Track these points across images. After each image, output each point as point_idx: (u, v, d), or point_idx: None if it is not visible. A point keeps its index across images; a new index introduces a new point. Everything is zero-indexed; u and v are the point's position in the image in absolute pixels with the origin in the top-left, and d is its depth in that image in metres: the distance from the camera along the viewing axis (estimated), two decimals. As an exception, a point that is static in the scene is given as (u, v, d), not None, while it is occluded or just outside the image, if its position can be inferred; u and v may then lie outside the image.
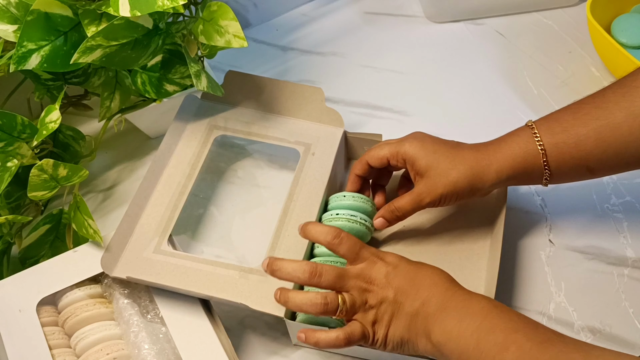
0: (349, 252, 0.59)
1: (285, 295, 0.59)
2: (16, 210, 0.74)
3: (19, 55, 0.64)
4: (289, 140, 0.75)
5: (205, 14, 0.68)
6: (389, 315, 0.58)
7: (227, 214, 0.78)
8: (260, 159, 0.83)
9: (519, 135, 0.64)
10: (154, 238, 0.68)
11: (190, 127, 0.76)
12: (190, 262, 0.66)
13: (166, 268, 0.65)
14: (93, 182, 0.84)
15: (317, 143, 0.74)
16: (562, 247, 0.73)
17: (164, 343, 0.64)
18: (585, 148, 0.62)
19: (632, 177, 0.77)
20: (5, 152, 0.68)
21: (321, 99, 0.76)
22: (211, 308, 0.65)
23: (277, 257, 0.61)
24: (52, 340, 0.63)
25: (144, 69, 0.75)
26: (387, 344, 0.58)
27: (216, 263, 0.66)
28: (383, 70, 0.91)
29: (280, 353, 0.68)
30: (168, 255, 0.66)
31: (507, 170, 0.64)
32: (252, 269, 0.65)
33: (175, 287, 0.64)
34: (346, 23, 0.98)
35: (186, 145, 0.75)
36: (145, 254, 0.66)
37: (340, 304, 0.57)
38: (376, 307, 0.58)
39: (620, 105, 0.61)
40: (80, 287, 0.66)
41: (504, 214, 0.69)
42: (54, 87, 0.76)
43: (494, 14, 0.95)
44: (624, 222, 0.74)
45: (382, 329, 0.58)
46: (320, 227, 0.60)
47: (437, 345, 0.55)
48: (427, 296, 0.57)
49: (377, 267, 0.59)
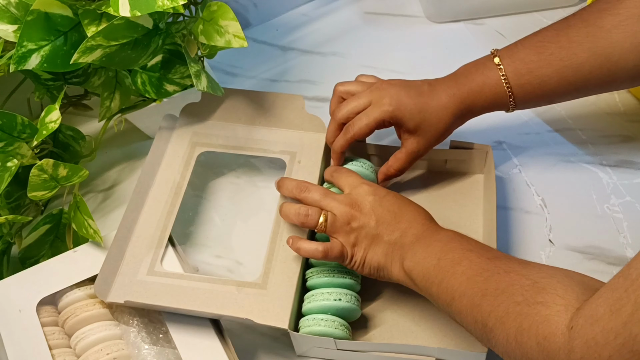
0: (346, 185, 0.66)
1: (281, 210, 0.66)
2: (16, 210, 0.74)
3: (19, 55, 0.64)
4: (274, 151, 0.75)
5: (205, 14, 0.68)
6: (369, 241, 0.62)
7: (218, 228, 0.78)
8: (246, 172, 0.82)
9: (487, 76, 0.68)
10: (146, 260, 0.67)
11: (172, 147, 0.75)
12: (187, 281, 0.65)
13: (163, 289, 0.65)
14: (93, 182, 0.84)
15: (302, 151, 0.74)
16: (562, 247, 0.73)
17: (164, 343, 0.64)
18: (548, 87, 0.67)
19: (632, 177, 0.77)
20: (5, 152, 0.68)
21: (301, 106, 0.76)
22: (221, 327, 0.64)
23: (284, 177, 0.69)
24: (52, 340, 0.63)
25: (144, 69, 0.75)
26: (364, 266, 0.63)
27: (212, 280, 0.65)
28: (383, 70, 0.91)
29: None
30: (163, 276, 0.66)
31: (480, 109, 0.70)
32: (250, 282, 0.65)
33: (176, 308, 0.63)
34: (346, 23, 0.98)
35: (170, 165, 0.74)
36: (138, 277, 0.66)
37: (322, 219, 0.63)
38: (357, 231, 0.63)
39: (584, 46, 0.64)
40: (80, 287, 0.66)
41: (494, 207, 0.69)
42: (54, 87, 0.76)
43: (494, 14, 0.95)
44: (624, 222, 0.74)
45: (360, 251, 0.63)
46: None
47: (407, 271, 0.60)
48: (405, 228, 0.62)
49: (364, 194, 0.64)
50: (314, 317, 0.64)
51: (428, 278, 0.58)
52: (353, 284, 0.66)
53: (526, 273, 0.52)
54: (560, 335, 0.45)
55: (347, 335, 0.64)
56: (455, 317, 0.57)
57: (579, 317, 0.45)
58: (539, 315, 0.47)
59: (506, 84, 0.67)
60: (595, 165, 0.79)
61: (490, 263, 0.55)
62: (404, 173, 0.73)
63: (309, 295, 0.66)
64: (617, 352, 0.42)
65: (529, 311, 0.48)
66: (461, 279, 0.55)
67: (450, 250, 0.58)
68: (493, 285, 0.52)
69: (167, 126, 0.77)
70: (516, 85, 0.67)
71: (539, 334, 0.47)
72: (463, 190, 0.77)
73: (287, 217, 0.65)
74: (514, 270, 0.53)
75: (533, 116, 0.84)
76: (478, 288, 0.53)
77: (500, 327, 0.50)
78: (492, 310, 0.51)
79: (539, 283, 0.50)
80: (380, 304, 0.70)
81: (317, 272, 0.66)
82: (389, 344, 0.64)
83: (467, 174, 0.77)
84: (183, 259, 0.69)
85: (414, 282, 0.60)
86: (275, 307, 0.63)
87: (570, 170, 0.79)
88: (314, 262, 0.68)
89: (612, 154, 0.79)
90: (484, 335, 0.53)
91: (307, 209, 0.64)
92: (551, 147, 0.81)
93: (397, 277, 0.62)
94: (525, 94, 0.68)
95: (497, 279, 0.53)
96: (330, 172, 0.69)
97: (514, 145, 0.81)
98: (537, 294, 0.49)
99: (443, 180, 0.78)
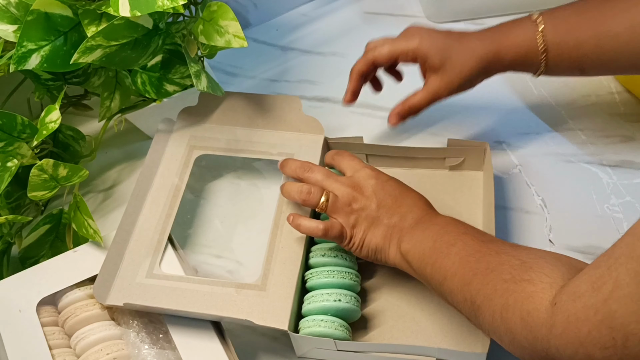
0: (349, 168, 0.67)
1: (283, 188, 0.67)
2: (16, 210, 0.74)
3: (19, 55, 0.64)
4: (271, 153, 0.75)
5: (205, 14, 0.68)
6: (368, 223, 0.63)
7: (217, 230, 0.78)
8: (245, 173, 0.82)
9: (524, 28, 0.67)
10: (145, 263, 0.67)
11: (169, 150, 0.75)
12: (186, 283, 0.65)
13: (162, 292, 0.64)
14: (93, 182, 0.84)
15: (300, 152, 0.74)
16: (562, 247, 0.73)
17: (164, 343, 0.64)
18: (583, 51, 0.65)
19: (632, 177, 0.77)
20: (5, 152, 0.68)
21: (298, 108, 0.76)
22: (222, 328, 0.64)
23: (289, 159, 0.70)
24: (52, 340, 0.63)
25: (144, 69, 0.75)
26: (362, 247, 0.64)
27: (211, 282, 0.65)
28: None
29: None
30: (162, 278, 0.66)
31: (509, 62, 0.68)
32: (249, 284, 0.65)
33: (176, 310, 0.63)
34: (346, 23, 0.98)
35: (168, 168, 0.74)
36: (138, 280, 0.65)
37: (323, 199, 0.64)
38: (357, 213, 0.64)
39: (624, 16, 0.63)
40: (80, 287, 0.66)
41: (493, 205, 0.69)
42: (54, 87, 0.76)
43: (494, 14, 0.95)
44: (624, 222, 0.74)
45: (360, 233, 0.64)
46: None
47: (404, 254, 0.61)
48: (405, 212, 0.63)
49: (366, 177, 0.65)
50: (314, 318, 0.64)
51: (423, 259, 0.59)
52: (353, 284, 0.66)
53: (516, 254, 0.53)
54: (544, 310, 0.46)
55: (347, 336, 0.64)
56: (446, 297, 0.58)
57: (562, 293, 0.45)
58: (524, 292, 0.48)
59: (542, 40, 0.66)
60: (595, 165, 0.79)
61: (483, 245, 0.56)
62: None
63: (309, 296, 0.66)
64: (595, 328, 0.42)
65: (515, 288, 0.49)
66: (454, 259, 0.56)
67: (446, 232, 0.59)
68: (484, 265, 0.53)
69: (165, 129, 0.77)
70: (551, 43, 0.66)
71: (523, 310, 0.48)
72: (462, 187, 0.77)
73: (289, 195, 0.66)
74: (505, 252, 0.54)
75: (533, 116, 0.84)
76: (470, 267, 0.54)
77: (487, 303, 0.51)
78: (480, 288, 0.52)
79: (527, 262, 0.51)
80: (380, 305, 0.70)
81: (316, 274, 0.66)
82: (389, 345, 0.64)
83: (466, 172, 0.77)
84: (183, 259, 0.69)
85: (409, 265, 0.61)
86: (275, 308, 0.63)
87: (570, 170, 0.79)
88: (313, 263, 0.68)
89: (612, 154, 0.79)
90: (472, 313, 0.54)
91: (310, 187, 0.65)
92: (551, 147, 0.81)
93: (393, 260, 0.63)
94: (558, 54, 0.66)
95: (488, 259, 0.54)
96: (332, 155, 0.70)
97: (514, 145, 0.81)
98: (525, 272, 0.50)
99: (441, 177, 0.78)
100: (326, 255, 0.67)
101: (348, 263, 0.67)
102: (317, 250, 0.68)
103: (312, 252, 0.68)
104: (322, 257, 0.67)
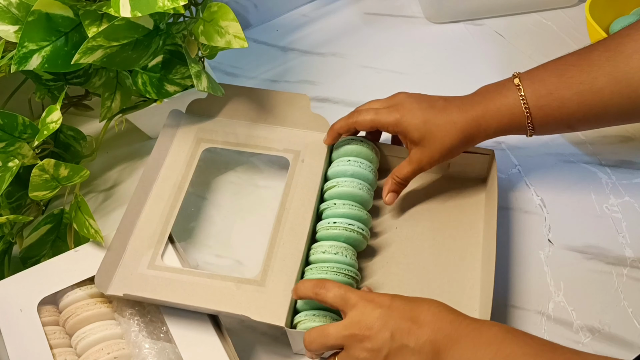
0: (335, 298, 0.59)
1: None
2: (17, 210, 0.74)
3: (20, 56, 0.64)
4: (278, 149, 0.75)
5: (205, 15, 0.68)
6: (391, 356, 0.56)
7: (220, 225, 0.78)
8: (249, 169, 0.83)
9: (505, 96, 0.66)
10: (147, 254, 0.67)
11: (177, 142, 0.76)
12: (186, 275, 0.65)
13: (162, 283, 0.65)
14: (94, 182, 0.84)
15: (306, 150, 0.74)
16: (561, 247, 0.73)
17: (164, 342, 0.64)
18: (567, 110, 0.65)
19: (631, 177, 0.77)
20: (7, 152, 0.68)
21: (307, 105, 0.76)
22: (220, 323, 0.65)
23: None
24: (53, 339, 0.63)
25: (144, 70, 0.75)
26: None
27: (212, 275, 0.65)
28: (383, 71, 0.92)
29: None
30: (163, 270, 0.66)
31: (494, 130, 0.68)
32: (248, 279, 0.65)
33: (174, 303, 0.63)
34: (346, 23, 0.98)
35: (174, 160, 0.74)
36: (139, 270, 0.66)
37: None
38: (376, 352, 0.56)
39: (604, 69, 0.63)
40: (81, 286, 0.66)
41: (496, 209, 0.69)
42: (55, 87, 0.77)
43: (493, 15, 0.95)
44: (623, 222, 0.74)
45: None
46: (307, 283, 0.62)
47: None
48: (433, 330, 0.55)
49: (368, 311, 0.57)
50: (306, 313, 0.64)
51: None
52: (352, 282, 0.66)
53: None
54: None
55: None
56: None
57: None
58: None
59: (524, 105, 0.65)
60: (595, 165, 0.79)
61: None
62: (407, 184, 0.72)
63: None
64: None
65: None
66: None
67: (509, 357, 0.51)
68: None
69: (173, 122, 0.77)
70: (535, 107, 0.65)
71: None
72: (465, 193, 0.76)
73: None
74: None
75: (532, 116, 0.84)
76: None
77: None
78: None
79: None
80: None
81: (316, 269, 0.66)
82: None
83: (470, 178, 0.77)
84: (182, 257, 0.69)
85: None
86: (273, 304, 0.63)
87: (570, 170, 0.79)
88: (313, 260, 0.68)
89: (611, 154, 0.79)
90: None
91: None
92: (551, 147, 0.81)
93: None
94: (544, 117, 0.66)
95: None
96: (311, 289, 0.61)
97: (514, 145, 0.82)
98: None
99: (446, 183, 0.78)
100: (327, 252, 0.67)
101: (349, 261, 0.67)
102: (318, 247, 0.68)
103: (313, 249, 0.68)
104: (323, 254, 0.67)
